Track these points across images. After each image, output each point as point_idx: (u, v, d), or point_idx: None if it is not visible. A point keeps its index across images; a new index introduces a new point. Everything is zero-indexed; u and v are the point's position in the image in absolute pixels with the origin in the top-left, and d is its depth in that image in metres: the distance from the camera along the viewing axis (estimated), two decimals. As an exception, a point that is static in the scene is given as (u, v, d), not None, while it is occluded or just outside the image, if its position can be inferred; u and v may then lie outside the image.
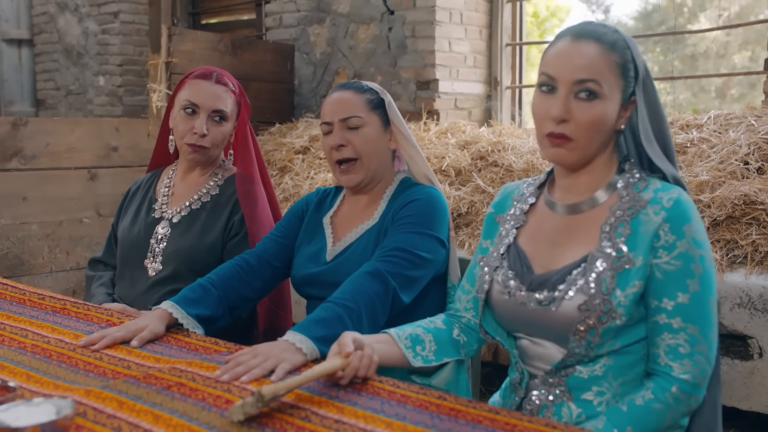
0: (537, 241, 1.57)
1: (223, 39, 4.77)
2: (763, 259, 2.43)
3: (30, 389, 1.41)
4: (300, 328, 1.61)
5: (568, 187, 1.56)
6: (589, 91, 1.44)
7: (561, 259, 1.51)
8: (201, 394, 1.35)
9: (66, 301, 2.00)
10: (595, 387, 1.48)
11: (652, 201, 1.44)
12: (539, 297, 1.48)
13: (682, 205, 1.43)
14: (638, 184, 1.49)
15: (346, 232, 2.02)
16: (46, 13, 6.90)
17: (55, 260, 3.92)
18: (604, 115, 1.46)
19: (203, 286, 1.92)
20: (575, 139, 1.46)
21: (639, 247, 1.43)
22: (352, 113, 1.96)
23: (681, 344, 1.42)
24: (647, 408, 1.40)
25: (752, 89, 7.86)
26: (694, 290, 1.42)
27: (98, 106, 6.42)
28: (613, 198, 1.51)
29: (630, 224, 1.44)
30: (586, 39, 1.47)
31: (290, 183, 4.04)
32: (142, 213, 2.39)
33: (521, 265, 1.55)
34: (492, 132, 4.09)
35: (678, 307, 1.42)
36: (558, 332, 1.47)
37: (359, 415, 1.26)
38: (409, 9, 4.67)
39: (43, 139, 3.85)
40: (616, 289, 1.41)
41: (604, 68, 1.45)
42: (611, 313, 1.41)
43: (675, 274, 1.42)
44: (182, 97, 2.31)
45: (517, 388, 1.58)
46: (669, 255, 1.42)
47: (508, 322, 1.58)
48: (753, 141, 2.90)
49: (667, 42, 5.21)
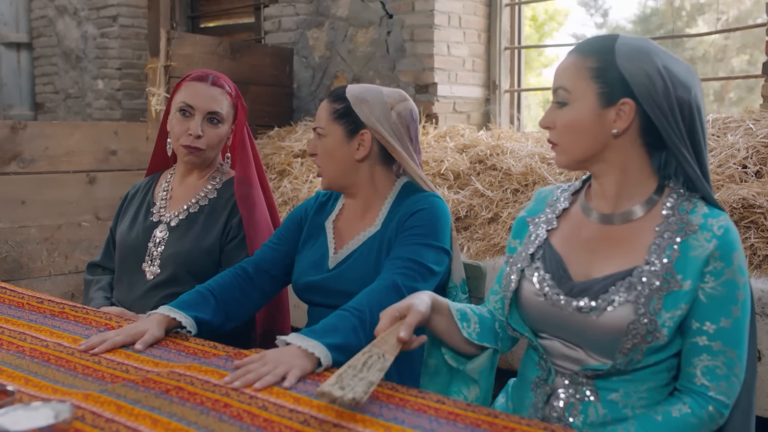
0: (572, 246, 1.59)
1: (222, 43, 4.78)
2: (762, 263, 2.43)
3: (28, 393, 1.41)
4: (312, 333, 1.59)
5: (597, 194, 1.60)
6: (560, 98, 1.54)
7: (600, 268, 1.52)
8: (199, 398, 1.35)
9: (65, 305, 2.00)
10: (623, 389, 1.51)
11: (703, 227, 1.47)
12: (580, 304, 1.50)
13: (732, 233, 1.47)
14: (684, 205, 1.51)
15: (348, 239, 2.02)
16: (45, 17, 6.91)
17: (53, 264, 3.92)
18: (576, 118, 1.52)
19: (201, 292, 1.92)
20: (558, 143, 1.57)
21: (688, 272, 1.45)
22: (317, 123, 2.02)
23: (719, 366, 1.46)
24: (684, 421, 1.45)
25: (750, 93, 7.88)
26: (736, 316, 1.46)
27: (97, 109, 6.43)
28: (656, 216, 1.52)
29: (679, 248, 1.47)
30: (573, 51, 1.57)
31: (289, 187, 4.04)
32: (140, 217, 2.40)
33: (557, 267, 1.57)
34: (491, 136, 4.09)
35: (720, 331, 1.46)
36: (594, 340, 1.49)
37: (358, 419, 1.25)
38: (407, 13, 4.67)
39: (41, 143, 3.85)
40: (662, 310, 1.43)
41: (572, 74, 1.53)
42: (656, 333, 1.43)
43: (720, 299, 1.45)
44: (178, 99, 2.32)
45: (542, 385, 1.59)
46: (716, 281, 1.45)
47: (537, 322, 1.59)
48: (751, 144, 2.90)
49: (665, 45, 5.22)
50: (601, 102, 1.50)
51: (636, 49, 1.50)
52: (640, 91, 1.48)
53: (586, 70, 1.51)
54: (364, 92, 2.00)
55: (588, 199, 1.63)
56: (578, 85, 1.52)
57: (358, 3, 4.91)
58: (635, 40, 1.52)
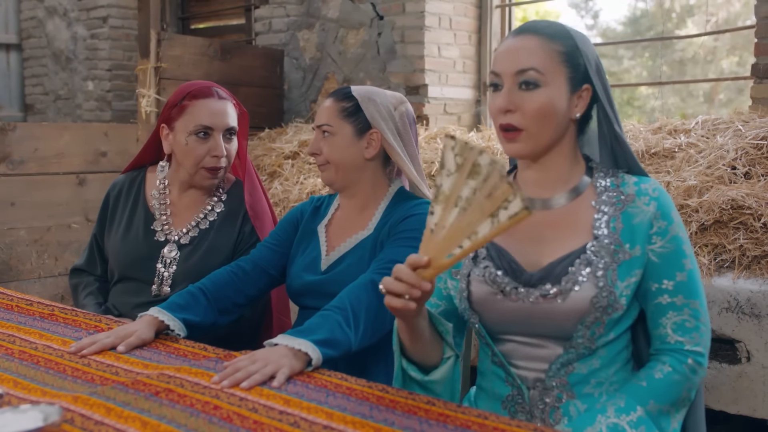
0: (514, 238, 1.56)
1: (213, 44, 4.77)
2: (751, 264, 2.44)
3: (17, 396, 1.41)
4: (298, 333, 1.60)
5: (534, 181, 1.59)
6: (531, 80, 1.49)
7: (551, 253, 1.53)
8: (189, 400, 1.35)
9: (54, 307, 1.99)
10: (593, 379, 1.53)
11: (639, 193, 1.53)
12: (543, 290, 1.50)
13: (665, 193, 1.54)
14: (612, 180, 1.56)
15: (339, 242, 2.03)
16: (35, 18, 6.88)
17: (43, 266, 3.90)
18: (550, 102, 1.50)
19: (192, 293, 1.92)
20: (524, 128, 1.51)
21: (635, 238, 1.50)
22: (324, 121, 2.01)
23: (687, 319, 1.52)
24: (668, 380, 1.49)
25: (740, 94, 7.92)
26: (689, 268, 1.53)
27: (87, 111, 6.40)
28: (590, 194, 1.56)
29: (621, 218, 1.51)
30: (526, 33, 1.53)
31: (280, 188, 4.03)
32: (139, 230, 2.29)
33: (507, 262, 1.55)
34: (481, 137, 4.09)
35: (678, 285, 1.52)
36: (561, 326, 1.50)
37: (348, 421, 1.26)
38: (398, 14, 4.68)
39: (31, 144, 3.83)
40: (617, 280, 1.48)
41: (544, 57, 1.50)
42: (615, 304, 1.48)
43: (670, 255, 1.51)
44: (190, 122, 2.20)
45: (516, 402, 1.57)
46: (663, 239, 1.51)
47: (496, 323, 1.57)
48: (740, 146, 2.92)
49: (655, 47, 5.24)
50: (569, 87, 1.53)
51: (580, 33, 1.56)
52: (593, 75, 1.54)
53: (556, 54, 1.51)
54: (369, 92, 2.03)
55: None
56: (551, 68, 1.50)
57: (348, 4, 4.91)
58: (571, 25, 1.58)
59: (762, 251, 2.45)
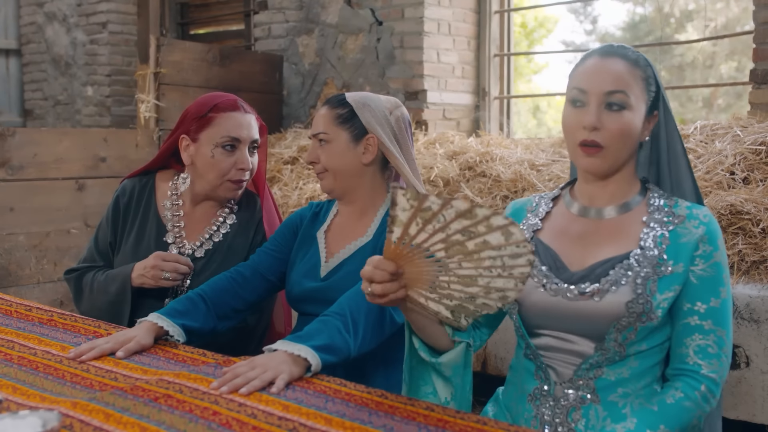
0: (563, 240, 1.65)
1: (212, 49, 4.77)
2: (750, 269, 2.44)
3: (16, 401, 1.40)
4: (297, 339, 1.60)
5: (592, 195, 1.66)
6: (619, 102, 1.57)
7: (595, 255, 1.59)
8: (188, 405, 1.35)
9: (53, 313, 1.99)
10: (621, 389, 1.56)
11: (690, 216, 1.58)
12: (581, 288, 1.55)
13: (715, 221, 1.59)
14: (666, 202, 1.62)
15: (339, 248, 2.02)
16: (34, 23, 6.89)
17: (42, 271, 3.90)
18: (632, 125, 1.58)
19: (191, 299, 1.92)
20: (606, 147, 1.57)
21: (680, 257, 1.54)
22: (320, 129, 2.01)
23: (710, 345, 1.54)
24: (678, 406, 1.51)
25: (739, 99, 7.92)
26: (724, 297, 1.55)
27: (86, 116, 6.40)
28: (642, 211, 1.62)
29: (669, 236, 1.55)
30: (613, 56, 1.61)
31: (279, 193, 4.04)
32: (151, 243, 2.25)
33: (553, 260, 1.62)
34: (480, 142, 4.10)
35: (710, 310, 1.54)
36: (594, 325, 1.54)
37: (347, 427, 1.26)
38: (397, 20, 4.68)
39: (30, 150, 3.83)
40: (657, 292, 1.52)
41: (631, 81, 1.58)
42: (650, 313, 1.51)
43: (709, 280, 1.54)
44: (217, 134, 2.18)
45: (541, 396, 1.61)
46: (705, 263, 1.54)
47: (536, 316, 1.61)
48: (739, 151, 2.92)
49: (654, 52, 5.25)
50: (647, 111, 1.62)
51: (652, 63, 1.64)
52: (664, 104, 1.64)
53: (640, 80, 1.60)
54: (364, 98, 2.03)
55: (574, 198, 1.70)
56: (636, 92, 1.59)
57: (347, 10, 4.92)
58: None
59: (761, 256, 2.45)
